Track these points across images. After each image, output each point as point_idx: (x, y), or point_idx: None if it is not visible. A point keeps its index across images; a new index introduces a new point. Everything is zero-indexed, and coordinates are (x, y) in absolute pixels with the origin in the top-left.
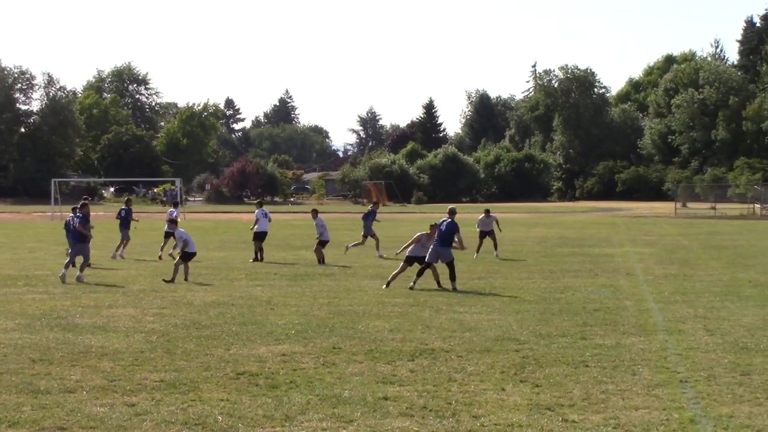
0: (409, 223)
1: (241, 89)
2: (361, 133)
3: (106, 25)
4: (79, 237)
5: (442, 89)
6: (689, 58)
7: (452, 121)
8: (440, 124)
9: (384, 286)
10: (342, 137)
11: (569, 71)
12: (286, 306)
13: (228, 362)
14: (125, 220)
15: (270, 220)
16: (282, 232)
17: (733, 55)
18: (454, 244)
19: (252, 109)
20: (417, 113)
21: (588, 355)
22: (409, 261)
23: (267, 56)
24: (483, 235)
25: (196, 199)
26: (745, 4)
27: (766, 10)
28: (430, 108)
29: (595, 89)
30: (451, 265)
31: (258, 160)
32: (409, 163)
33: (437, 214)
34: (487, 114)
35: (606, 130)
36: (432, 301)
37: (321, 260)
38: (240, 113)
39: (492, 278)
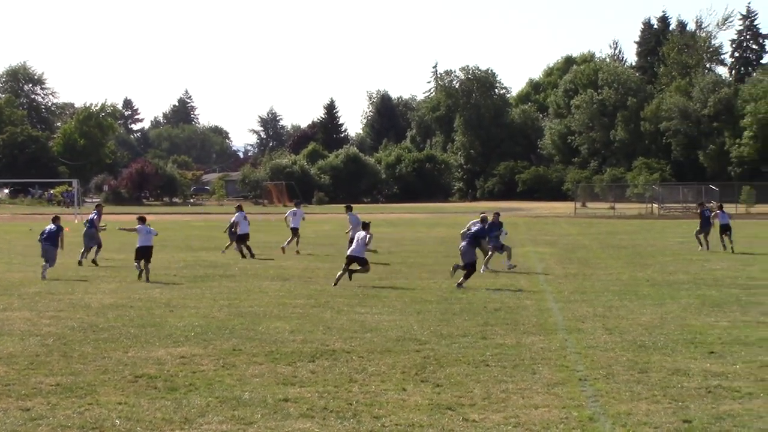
0: (310, 223)
1: (139, 89)
2: (262, 134)
3: (0, 23)
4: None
5: (343, 90)
6: (588, 59)
7: (353, 122)
8: (341, 125)
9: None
10: (242, 138)
11: (470, 72)
12: (185, 308)
13: (126, 365)
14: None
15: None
16: (182, 233)
17: (631, 56)
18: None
19: (151, 110)
20: (318, 114)
21: (489, 355)
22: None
23: (166, 56)
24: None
25: (94, 200)
26: (642, 7)
27: (663, 12)
28: (331, 108)
29: (496, 90)
30: (469, 267)
31: (157, 161)
32: (310, 164)
33: (339, 214)
34: (388, 114)
35: (506, 130)
36: (333, 302)
37: (243, 254)
38: (138, 113)
39: (393, 278)
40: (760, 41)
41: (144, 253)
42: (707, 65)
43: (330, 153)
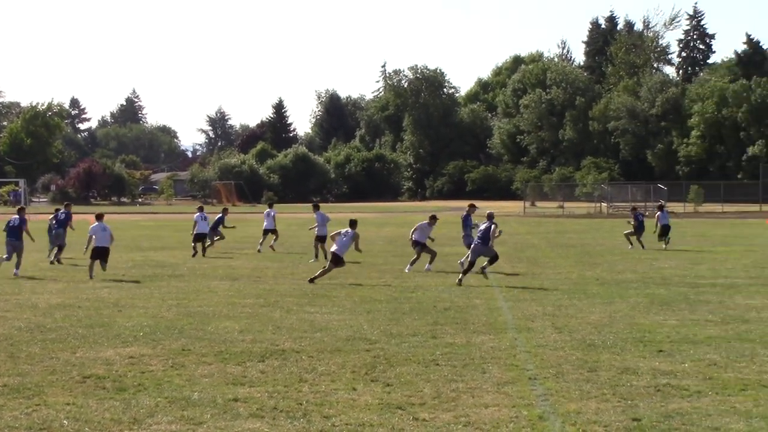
0: (259, 223)
1: (86, 88)
2: (210, 133)
3: None
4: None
5: (291, 89)
6: (537, 58)
7: (302, 121)
8: (290, 124)
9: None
10: (191, 137)
11: (419, 71)
12: (134, 308)
13: (74, 365)
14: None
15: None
16: (130, 232)
17: (579, 56)
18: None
19: (98, 109)
20: (267, 113)
21: (438, 354)
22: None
23: (113, 55)
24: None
25: (41, 200)
26: (590, 6)
27: (610, 12)
28: (279, 108)
29: (445, 89)
30: (494, 259)
31: (104, 161)
32: (259, 163)
33: (286, 214)
34: (337, 114)
35: (456, 129)
36: (283, 302)
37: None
38: (86, 113)
39: (343, 278)
40: (707, 41)
41: (100, 254)
42: (655, 65)
43: (279, 152)
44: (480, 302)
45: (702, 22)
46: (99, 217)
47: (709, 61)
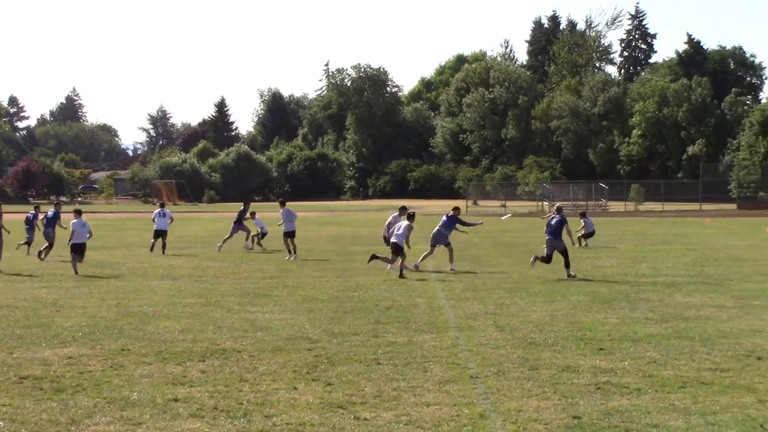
0: (200, 221)
1: (25, 86)
2: (152, 132)
3: None
4: None
5: (234, 88)
6: (480, 58)
7: (245, 120)
8: (232, 123)
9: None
10: (132, 136)
11: (362, 70)
12: (72, 308)
13: (11, 366)
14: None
15: (171, 220)
16: (67, 232)
17: (522, 55)
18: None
19: (37, 107)
20: (209, 112)
21: (380, 353)
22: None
23: (53, 53)
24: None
25: None
26: (533, 6)
27: (553, 11)
28: (222, 106)
29: (388, 88)
30: (565, 253)
31: (43, 159)
32: (201, 162)
33: (229, 213)
34: (279, 113)
35: (398, 128)
36: (224, 301)
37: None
38: (24, 111)
39: (284, 277)
40: (649, 41)
41: (78, 249)
42: (597, 64)
43: (221, 151)
44: (422, 301)
45: (644, 22)
46: (78, 213)
47: (651, 60)
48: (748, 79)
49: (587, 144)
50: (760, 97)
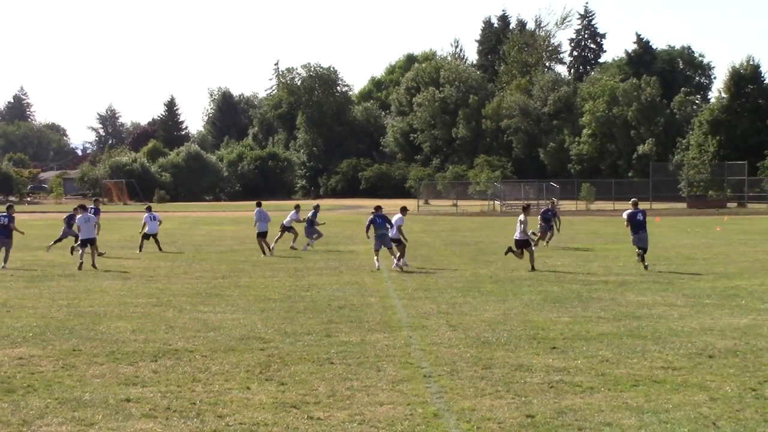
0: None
1: None
2: (101, 131)
3: None
4: (7, 232)
5: (183, 87)
6: (430, 57)
7: (195, 119)
8: (182, 122)
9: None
10: (81, 135)
11: (312, 69)
12: (22, 308)
13: None
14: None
15: (160, 222)
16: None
17: (472, 54)
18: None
19: None
20: (158, 111)
21: (333, 353)
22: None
23: (0, 52)
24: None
25: None
26: (482, 5)
27: (503, 11)
28: (171, 106)
29: (338, 87)
30: (645, 251)
31: None
32: (151, 162)
33: (179, 213)
34: (230, 112)
35: (349, 128)
36: (175, 301)
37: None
38: None
39: (236, 277)
40: (598, 40)
41: (85, 244)
42: (547, 64)
43: (171, 151)
44: (374, 300)
45: (593, 22)
46: (83, 207)
47: (600, 60)
48: (697, 78)
49: (538, 143)
50: (709, 97)
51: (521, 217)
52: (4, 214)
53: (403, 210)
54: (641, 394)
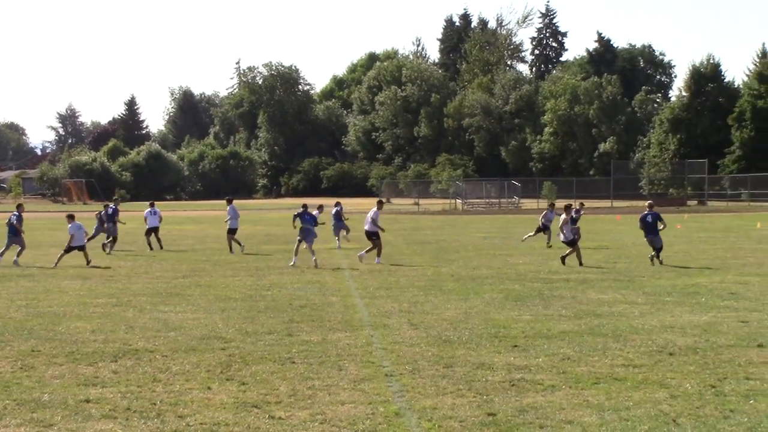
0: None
1: None
2: (61, 131)
3: None
4: (15, 231)
5: (144, 85)
6: (392, 55)
7: (155, 118)
8: (143, 121)
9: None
10: (40, 134)
11: (273, 68)
12: None
13: None
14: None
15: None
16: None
17: (434, 53)
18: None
19: None
20: (118, 110)
21: (294, 352)
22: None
23: None
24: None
25: None
26: (444, 4)
27: (464, 9)
28: (131, 105)
29: (300, 86)
30: (660, 249)
31: None
32: (111, 161)
33: (137, 212)
34: (190, 111)
35: (311, 126)
36: (135, 301)
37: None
38: None
39: (197, 276)
40: (560, 39)
41: (77, 249)
42: (508, 62)
43: (131, 150)
44: (336, 299)
45: (554, 21)
46: (71, 218)
47: (562, 58)
48: (658, 77)
49: (499, 142)
50: (670, 95)
51: (563, 216)
52: (16, 213)
53: (379, 204)
54: (602, 392)
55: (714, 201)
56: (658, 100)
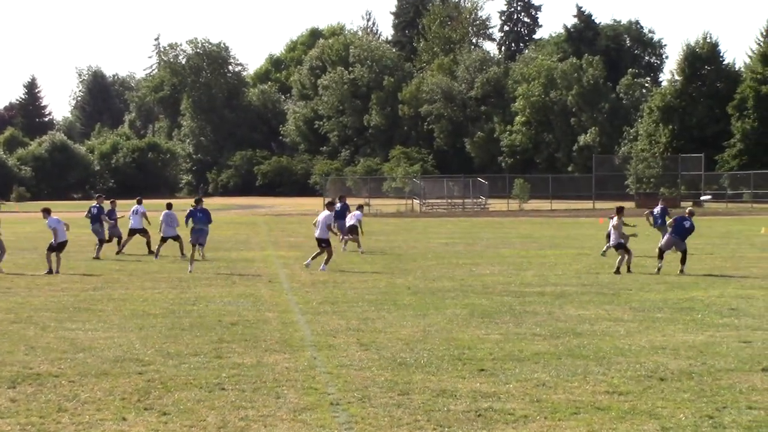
0: (7, 224)
1: None
2: None
3: None
4: None
5: (46, 66)
6: (337, 32)
7: (60, 103)
8: (45, 107)
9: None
10: None
11: (199, 46)
12: None
13: None
14: None
15: (145, 215)
16: None
17: (387, 29)
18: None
19: None
20: (16, 94)
21: (224, 377)
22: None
23: None
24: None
25: None
26: None
27: None
28: (32, 87)
29: (230, 67)
30: (685, 252)
31: None
32: (8, 153)
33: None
34: (101, 95)
35: (243, 114)
36: (37, 317)
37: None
38: None
39: (110, 289)
40: (533, 13)
41: (61, 248)
42: (473, 40)
43: (32, 140)
44: (272, 316)
45: None
46: (47, 211)
47: (535, 36)
48: (647, 58)
49: (463, 133)
50: (660, 79)
51: (614, 221)
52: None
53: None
54: (582, 423)
55: (711, 202)
56: (646, 84)
